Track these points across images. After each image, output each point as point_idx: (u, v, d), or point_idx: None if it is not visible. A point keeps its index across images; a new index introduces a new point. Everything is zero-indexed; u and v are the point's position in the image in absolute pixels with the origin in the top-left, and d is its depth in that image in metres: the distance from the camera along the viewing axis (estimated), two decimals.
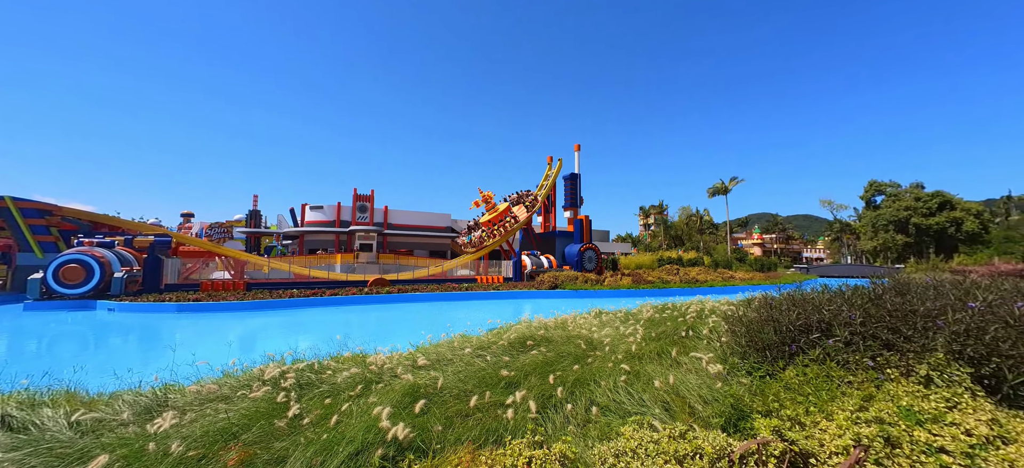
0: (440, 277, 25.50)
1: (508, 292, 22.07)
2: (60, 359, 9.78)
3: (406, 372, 3.87)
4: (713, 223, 71.06)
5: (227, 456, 2.27)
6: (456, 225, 40.52)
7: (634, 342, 5.06)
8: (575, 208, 35.85)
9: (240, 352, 9.93)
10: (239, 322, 14.61)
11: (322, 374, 4.07)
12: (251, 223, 38.14)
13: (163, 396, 3.50)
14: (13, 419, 3.11)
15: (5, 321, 14.29)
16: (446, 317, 16.05)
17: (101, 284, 16.80)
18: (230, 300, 16.76)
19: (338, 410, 2.97)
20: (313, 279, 22.05)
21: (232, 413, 2.88)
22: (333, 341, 6.00)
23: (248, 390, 3.58)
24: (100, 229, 22.50)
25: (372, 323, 15.37)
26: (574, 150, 37.39)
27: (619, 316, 7.56)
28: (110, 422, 3.05)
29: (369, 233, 32.76)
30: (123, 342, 12.02)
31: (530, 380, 3.87)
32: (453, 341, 5.22)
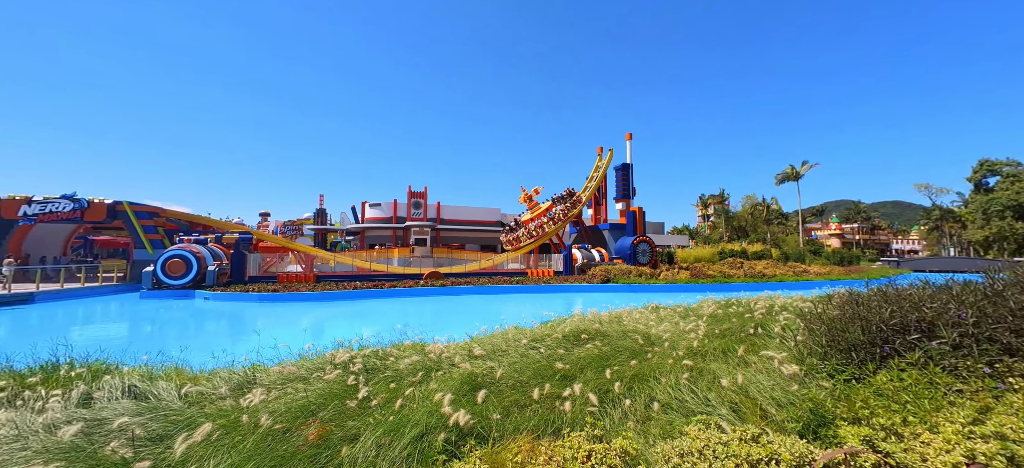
0: (491, 270, 25.94)
1: (558, 286, 21.94)
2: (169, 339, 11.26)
3: (463, 361, 3.98)
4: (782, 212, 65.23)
5: (307, 431, 2.48)
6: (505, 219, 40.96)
7: (696, 338, 4.80)
8: (627, 200, 34.69)
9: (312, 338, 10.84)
10: (310, 310, 15.92)
11: (385, 360, 4.31)
12: (318, 221, 41.27)
13: (252, 375, 3.91)
14: (136, 389, 3.63)
15: (126, 307, 16.75)
16: (497, 310, 16.32)
17: (198, 276, 19.11)
18: (302, 291, 18.30)
19: (402, 394, 3.13)
20: (373, 272, 23.42)
21: (310, 393, 3.14)
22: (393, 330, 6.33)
23: (322, 373, 3.88)
24: (195, 228, 25.55)
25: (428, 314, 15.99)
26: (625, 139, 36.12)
27: (678, 311, 7.21)
28: (210, 395, 3.46)
29: (423, 228, 34.11)
30: (216, 326, 13.60)
31: (586, 374, 3.82)
32: (507, 333, 5.29)
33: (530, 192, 32.68)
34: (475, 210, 38.11)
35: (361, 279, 21.70)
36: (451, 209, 37.14)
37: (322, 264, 23.98)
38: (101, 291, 19.76)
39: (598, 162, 37.60)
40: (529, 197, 32.30)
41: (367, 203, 36.22)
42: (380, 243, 35.74)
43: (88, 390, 3.54)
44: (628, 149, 35.87)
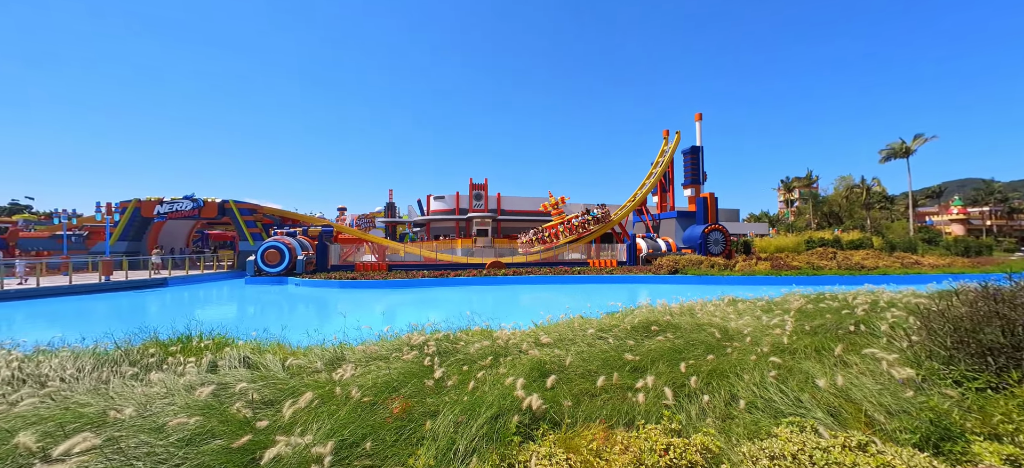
0: (552, 260, 25.87)
1: (622, 276, 21.29)
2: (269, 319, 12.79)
3: (531, 348, 4.04)
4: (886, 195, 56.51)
5: (392, 405, 2.69)
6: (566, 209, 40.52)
7: (783, 334, 4.39)
8: (697, 185, 32.49)
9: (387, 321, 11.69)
10: (383, 296, 17.14)
11: (456, 344, 4.51)
12: (388, 214, 44.10)
13: (340, 352, 4.32)
14: (249, 360, 4.19)
15: (235, 290, 19.33)
16: (559, 299, 16.28)
17: (290, 265, 21.46)
18: (376, 278, 19.75)
19: (474, 377, 3.26)
20: (439, 261, 24.54)
21: (392, 371, 3.40)
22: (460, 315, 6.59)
23: (400, 353, 4.17)
24: (286, 222, 28.64)
25: (490, 302, 16.40)
26: (694, 120, 33.72)
27: (759, 305, 6.64)
28: (307, 368, 3.89)
29: (484, 219, 34.95)
30: (305, 308, 15.19)
31: (657, 366, 3.67)
32: (573, 322, 5.26)
33: (557, 199, 32.11)
34: (535, 200, 38.14)
35: (428, 268, 22.86)
36: (511, 200, 37.56)
37: (393, 254, 25.63)
38: (215, 277, 23.03)
39: (663, 147, 35.58)
40: (555, 204, 31.74)
41: (432, 196, 37.92)
42: (444, 234, 37.30)
43: (214, 359, 4.15)
44: (697, 131, 33.48)
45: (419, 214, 40.13)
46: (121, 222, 26.44)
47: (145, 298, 16.68)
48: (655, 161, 35.08)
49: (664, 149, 35.19)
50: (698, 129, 33.37)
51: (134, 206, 26.59)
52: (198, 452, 2.18)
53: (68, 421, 2.61)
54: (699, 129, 33.36)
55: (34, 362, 4.35)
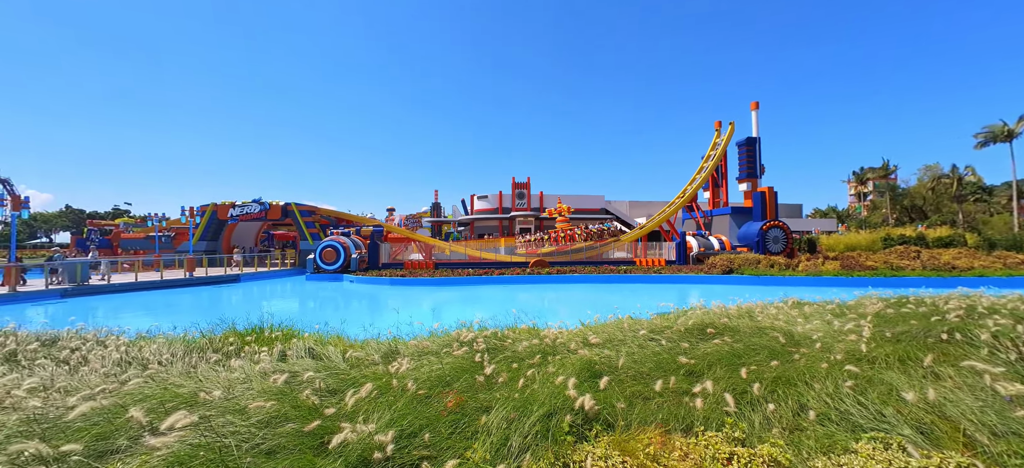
0: (597, 259, 25.40)
1: (671, 276, 20.44)
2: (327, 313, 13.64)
3: (580, 348, 4.00)
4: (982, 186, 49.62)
5: (446, 399, 2.77)
6: (610, 206, 39.60)
7: (860, 341, 4.01)
8: (754, 179, 30.47)
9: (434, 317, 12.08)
10: (431, 293, 17.70)
11: (503, 342, 4.57)
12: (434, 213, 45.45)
13: (395, 346, 4.52)
14: (314, 351, 4.50)
15: (296, 286, 20.81)
16: (604, 299, 15.95)
17: (345, 263, 22.76)
18: (424, 276, 20.43)
19: (523, 375, 3.28)
20: (483, 260, 24.93)
21: (444, 366, 3.50)
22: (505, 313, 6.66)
23: (450, 349, 4.29)
24: (341, 223, 30.40)
25: (534, 300, 16.39)
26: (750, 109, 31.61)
27: (829, 308, 6.11)
28: (365, 360, 4.11)
29: (527, 218, 35.01)
30: (359, 304, 16.04)
31: (715, 371, 3.50)
32: (622, 322, 5.13)
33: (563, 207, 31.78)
34: (579, 198, 37.63)
35: (472, 266, 23.30)
36: (554, 198, 37.30)
37: (439, 252, 26.39)
38: (280, 274, 24.96)
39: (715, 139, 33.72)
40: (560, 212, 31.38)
41: (475, 196, 38.59)
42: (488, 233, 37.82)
43: (283, 349, 4.51)
44: (754, 121, 31.36)
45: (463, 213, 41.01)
46: (201, 224, 29.41)
47: (221, 292, 18.45)
48: (706, 154, 33.33)
49: (716, 142, 33.33)
50: (754, 118, 31.26)
51: (211, 210, 29.46)
52: (275, 433, 2.37)
53: (167, 399, 2.95)
54: (755, 118, 31.24)
55: (137, 347, 4.96)
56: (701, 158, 33.68)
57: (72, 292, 16.23)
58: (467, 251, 26.23)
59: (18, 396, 3.17)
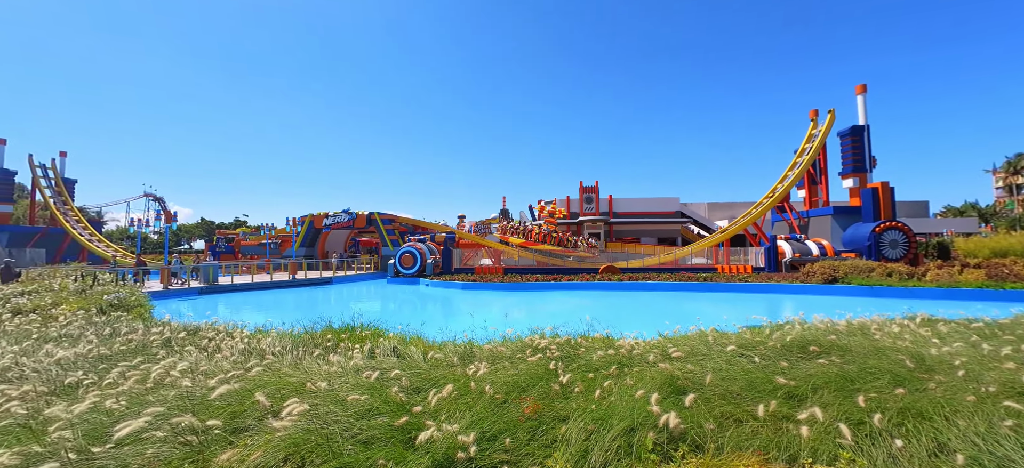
0: (671, 265, 23.97)
1: (759, 285, 18.53)
2: (406, 315, 14.58)
3: (660, 360, 3.80)
4: None
5: (523, 405, 2.81)
6: (686, 209, 37.14)
7: (1021, 370, 3.27)
8: (862, 174, 26.59)
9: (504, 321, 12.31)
10: (500, 298, 18.06)
11: (577, 350, 4.50)
12: (503, 219, 46.43)
13: (470, 349, 4.69)
14: (398, 350, 4.84)
15: (379, 289, 22.56)
16: (682, 308, 14.96)
17: (421, 267, 24.20)
18: (494, 281, 20.94)
19: (600, 386, 3.20)
20: (551, 265, 24.85)
21: (520, 372, 3.56)
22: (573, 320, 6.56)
23: (523, 355, 4.34)
24: (417, 230, 32.41)
25: (603, 308, 15.93)
26: (855, 94, 27.69)
27: (972, 327, 5.08)
28: (444, 362, 4.32)
29: (596, 223, 34.21)
30: (434, 307, 16.91)
31: (822, 396, 3.09)
32: (705, 335, 4.77)
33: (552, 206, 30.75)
34: (650, 201, 35.87)
35: (541, 272, 23.34)
36: (624, 202, 36.00)
37: (508, 258, 26.87)
38: (364, 277, 27.29)
39: (811, 130, 30.06)
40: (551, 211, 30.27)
41: (542, 201, 38.67)
42: None
43: (372, 347, 4.92)
44: (860, 106, 27.40)
45: (530, 219, 41.31)
46: (301, 233, 33.33)
47: (317, 293, 20.68)
48: (800, 148, 29.80)
49: (812, 133, 29.67)
50: (861, 104, 27.28)
51: (309, 220, 33.26)
52: (369, 425, 2.60)
53: (281, 387, 3.38)
54: (863, 104, 27.24)
55: (256, 339, 5.75)
56: (793, 153, 30.20)
57: (206, 290, 19.37)
58: (535, 257, 26.36)
59: (174, 376, 3.86)
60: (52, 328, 6.83)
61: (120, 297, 10.63)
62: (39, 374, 4.19)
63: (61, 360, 4.67)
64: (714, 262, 24.10)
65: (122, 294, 11.15)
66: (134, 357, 4.83)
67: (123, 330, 6.54)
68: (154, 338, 5.86)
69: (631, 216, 35.44)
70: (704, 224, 37.61)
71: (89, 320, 7.54)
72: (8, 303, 9.90)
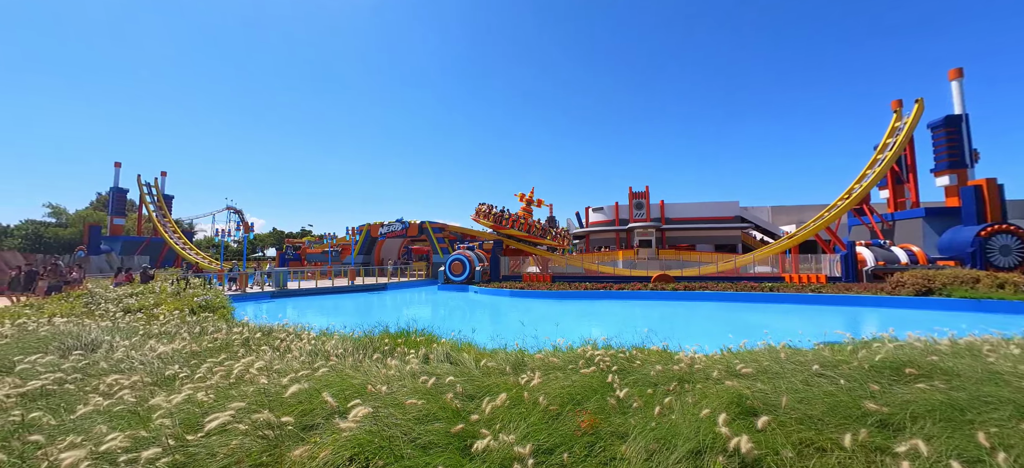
0: (731, 274, 22.46)
1: (836, 296, 16.80)
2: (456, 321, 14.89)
3: (724, 377, 3.54)
4: None
5: (579, 418, 2.73)
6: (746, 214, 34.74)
7: None
8: (961, 170, 23.40)
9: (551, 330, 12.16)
10: (548, 306, 17.92)
11: (632, 363, 4.32)
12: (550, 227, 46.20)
13: (521, 358, 4.67)
14: (451, 356, 4.94)
15: (430, 296, 23.28)
16: (743, 320, 13.94)
17: (470, 275, 24.68)
18: (541, 289, 20.84)
19: (660, 402, 3.04)
20: (600, 274, 24.27)
21: (574, 383, 3.48)
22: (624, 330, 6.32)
23: (576, 365, 4.24)
24: (466, 238, 33.15)
25: (656, 318, 15.27)
26: (949, 79, 24.46)
27: None
28: (496, 370, 4.33)
29: (647, 229, 32.98)
30: (482, 313, 17.13)
31: (924, 426, 2.70)
32: (776, 351, 4.38)
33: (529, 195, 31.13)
34: (706, 205, 33.98)
35: (589, 280, 22.88)
36: (677, 207, 34.42)
37: (555, 266, 26.65)
38: (417, 284, 28.33)
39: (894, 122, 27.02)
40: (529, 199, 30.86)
41: (590, 208, 38.01)
42: (604, 246, 36.78)
43: (426, 352, 5.06)
44: (955, 93, 24.20)
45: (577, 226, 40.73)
46: (359, 241, 35.40)
47: (373, 299, 21.78)
48: (881, 143, 26.81)
49: (895, 126, 26.61)
50: (956, 90, 24.04)
51: (366, 229, 35.24)
52: (426, 430, 2.65)
53: (345, 388, 3.56)
54: (958, 90, 24.00)
55: (321, 341, 6.14)
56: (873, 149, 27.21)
57: (277, 294, 21.12)
58: (584, 265, 25.91)
59: (252, 374, 4.22)
60: (154, 326, 7.77)
61: (207, 299, 11.89)
62: (144, 366, 4.78)
63: (161, 355, 5.29)
64: (780, 271, 22.25)
65: (209, 297, 12.47)
66: (219, 354, 5.36)
67: (210, 329, 7.28)
68: (235, 337, 6.46)
69: (685, 222, 33.78)
70: (767, 229, 34.95)
71: (183, 319, 8.49)
72: (121, 303, 11.45)
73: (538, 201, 31.29)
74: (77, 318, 8.77)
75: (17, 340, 6.15)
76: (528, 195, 31.09)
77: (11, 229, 50.44)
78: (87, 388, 3.94)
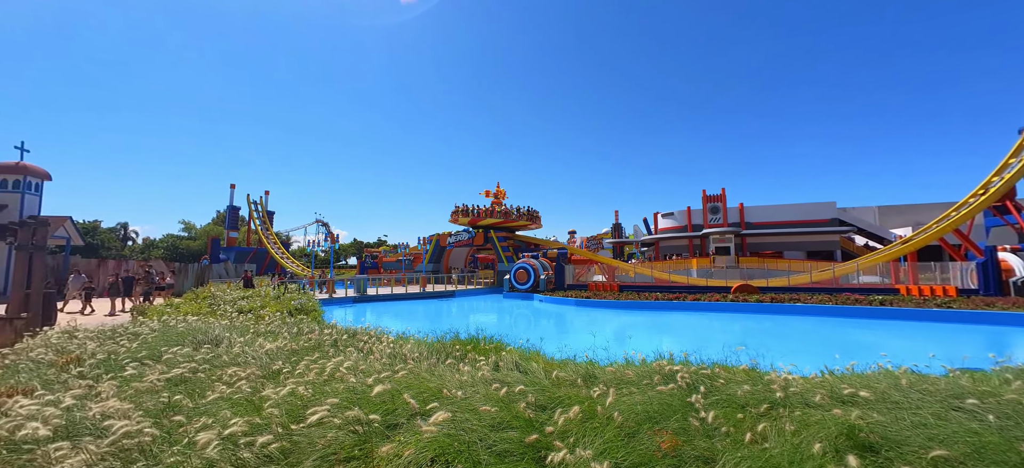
0: (829, 284, 19.88)
1: (970, 313, 14.06)
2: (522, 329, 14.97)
3: (829, 403, 3.12)
4: None
5: (657, 438, 2.59)
6: (846, 215, 30.58)
7: None
8: None
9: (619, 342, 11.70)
10: (615, 317, 17.29)
11: (714, 381, 3.99)
12: (615, 234, 44.81)
13: (590, 370, 4.55)
14: (520, 365, 4.97)
15: (495, 303, 23.72)
16: (844, 338, 12.26)
17: (535, 283, 24.75)
18: (608, 299, 20.20)
19: (751, 428, 2.77)
20: (672, 283, 22.91)
21: (648, 399, 3.31)
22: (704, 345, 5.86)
23: (650, 381, 4.03)
24: (530, 246, 33.37)
25: (736, 333, 14.03)
26: None
27: None
28: (566, 381, 4.27)
29: (724, 235, 30.50)
30: (547, 322, 17.03)
31: None
32: (896, 376, 3.77)
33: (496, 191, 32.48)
34: (796, 207, 30.58)
35: (660, 290, 21.70)
36: (759, 210, 31.42)
37: (622, 275, 25.72)
38: (482, 292, 29.06)
39: None
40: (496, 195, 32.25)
41: (659, 213, 36.18)
42: (675, 253, 34.71)
43: (496, 359, 5.15)
44: None
45: (645, 233, 38.96)
46: (429, 250, 37.34)
47: (442, 305, 22.75)
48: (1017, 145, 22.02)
49: None
50: None
51: (435, 239, 37.08)
52: (501, 437, 2.69)
53: (422, 390, 3.75)
54: None
55: (399, 344, 6.55)
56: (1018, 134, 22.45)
57: (358, 299, 22.99)
58: (653, 273, 24.67)
59: (341, 373, 4.63)
60: (260, 325, 8.88)
61: (301, 303, 13.32)
62: (255, 360, 5.47)
63: (268, 351, 6.02)
64: (893, 281, 19.22)
65: (303, 300, 13.97)
66: (313, 353, 5.95)
67: (305, 330, 8.14)
68: (326, 338, 7.14)
69: (770, 226, 30.68)
70: (874, 233, 30.46)
71: (283, 320, 9.59)
72: (235, 305, 13.28)
73: (502, 192, 34.87)
74: (203, 317, 10.33)
75: (162, 334, 7.41)
76: (495, 190, 34.52)
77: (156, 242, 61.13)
78: (213, 377, 4.61)
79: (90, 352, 5.89)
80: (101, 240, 52.13)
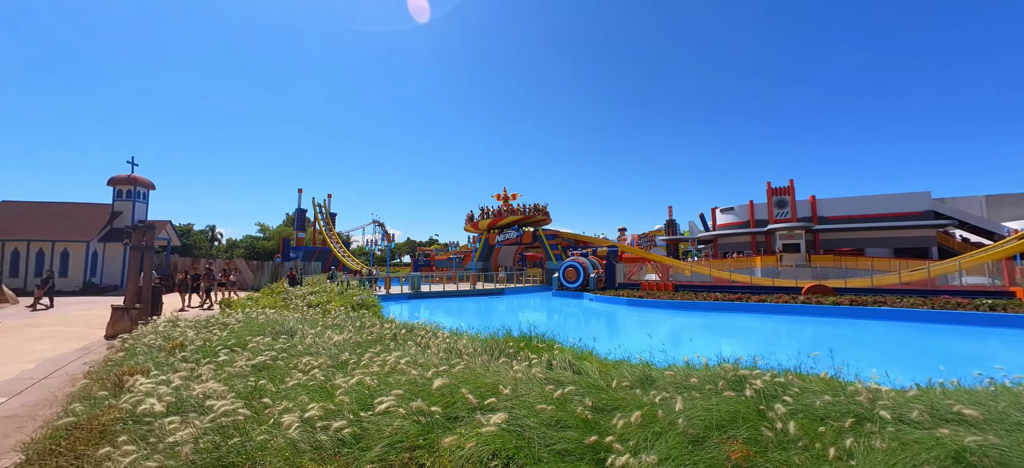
0: (922, 286, 17.62)
1: None
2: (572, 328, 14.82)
3: (929, 422, 2.77)
4: None
5: (725, 447, 2.45)
6: (943, 206, 26.88)
7: None
8: None
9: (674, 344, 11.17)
10: (670, 317, 16.57)
11: (787, 390, 3.70)
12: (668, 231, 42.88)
13: (647, 372, 4.41)
14: (573, 365, 4.93)
15: (544, 301, 23.67)
16: (942, 347, 10.82)
17: (584, 281, 24.38)
18: (662, 298, 19.40)
19: (833, 443, 2.53)
20: (733, 283, 21.51)
21: (713, 406, 3.14)
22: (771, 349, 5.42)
23: (714, 386, 3.82)
24: (579, 244, 32.91)
25: (808, 338, 12.92)
26: None
27: None
28: (622, 384, 4.17)
29: (792, 231, 28.06)
30: (598, 322, 16.71)
31: None
32: (1016, 394, 3.26)
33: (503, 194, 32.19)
34: (881, 199, 27.45)
35: (719, 290, 20.46)
36: (835, 202, 28.57)
37: (677, 273, 24.58)
38: (531, 290, 29.13)
39: None
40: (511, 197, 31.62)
41: (717, 209, 34.08)
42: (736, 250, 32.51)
43: (549, 358, 5.15)
44: None
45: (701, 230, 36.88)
46: (478, 249, 38.07)
47: (492, 303, 23.12)
48: None
49: None
50: None
51: (484, 237, 37.70)
52: (560, 437, 2.69)
53: (478, 386, 3.85)
54: None
55: (453, 339, 6.76)
56: None
57: (413, 296, 24.02)
58: (712, 272, 23.31)
59: (402, 366, 4.87)
60: (327, 319, 9.58)
61: (363, 299, 14.18)
62: (325, 351, 5.92)
63: (336, 343, 6.48)
64: (1007, 283, 16.60)
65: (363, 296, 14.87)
66: (375, 346, 6.32)
67: (367, 324, 8.66)
68: (385, 332, 7.55)
69: (848, 220, 27.77)
70: (981, 227, 26.53)
71: (347, 314, 10.27)
72: (305, 299, 14.45)
73: (513, 195, 37.04)
74: (279, 310, 11.35)
75: (246, 324, 8.25)
76: (504, 193, 36.98)
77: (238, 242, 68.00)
78: (290, 365, 5.06)
79: (190, 339, 6.70)
80: (194, 241, 59.02)
